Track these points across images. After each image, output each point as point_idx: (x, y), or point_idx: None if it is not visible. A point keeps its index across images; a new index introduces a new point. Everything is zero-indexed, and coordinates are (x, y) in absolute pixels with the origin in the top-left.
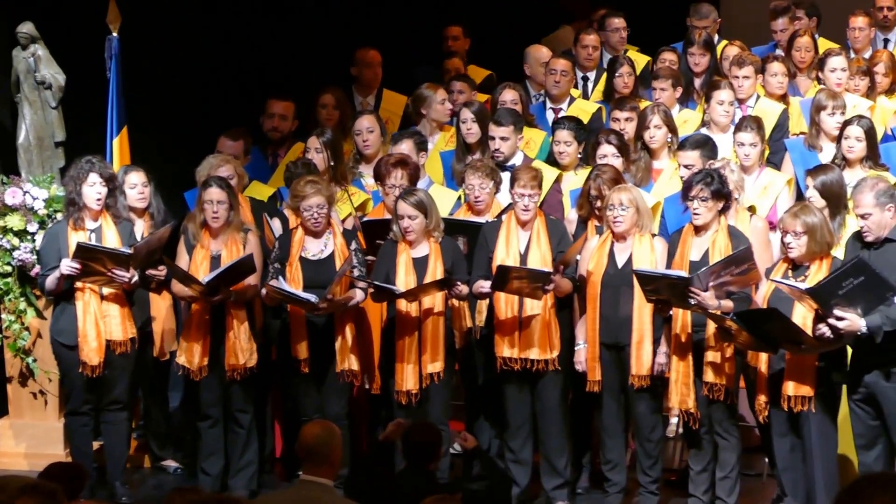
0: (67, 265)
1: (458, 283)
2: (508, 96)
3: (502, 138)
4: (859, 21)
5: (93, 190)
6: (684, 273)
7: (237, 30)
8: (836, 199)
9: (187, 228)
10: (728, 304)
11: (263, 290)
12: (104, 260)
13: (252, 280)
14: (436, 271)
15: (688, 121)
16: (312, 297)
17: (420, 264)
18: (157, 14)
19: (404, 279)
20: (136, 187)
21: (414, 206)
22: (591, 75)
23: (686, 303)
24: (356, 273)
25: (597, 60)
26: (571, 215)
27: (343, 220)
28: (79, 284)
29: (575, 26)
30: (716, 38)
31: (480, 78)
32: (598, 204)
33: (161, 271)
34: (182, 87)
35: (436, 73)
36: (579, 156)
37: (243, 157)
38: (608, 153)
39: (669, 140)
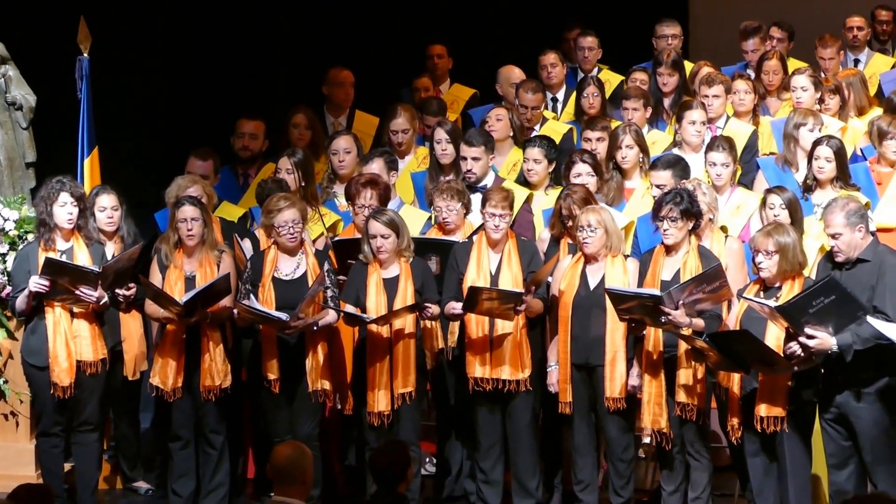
0: (35, 282)
1: (429, 305)
2: (497, 113)
3: (474, 158)
4: (829, 51)
5: (63, 210)
6: (656, 291)
7: (207, 49)
8: (799, 221)
9: (160, 249)
10: (699, 322)
11: (235, 310)
12: (72, 277)
13: (227, 301)
14: (406, 292)
15: (657, 141)
16: (283, 316)
17: (391, 285)
18: (128, 34)
19: (375, 300)
20: (106, 210)
21: (386, 225)
22: (560, 95)
23: (658, 321)
24: (329, 293)
25: (560, 78)
26: (543, 235)
27: (314, 241)
28: (50, 306)
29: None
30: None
31: (466, 96)
32: (570, 223)
33: (131, 291)
34: (152, 107)
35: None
36: (550, 175)
37: (213, 176)
38: (583, 172)
39: (641, 160)
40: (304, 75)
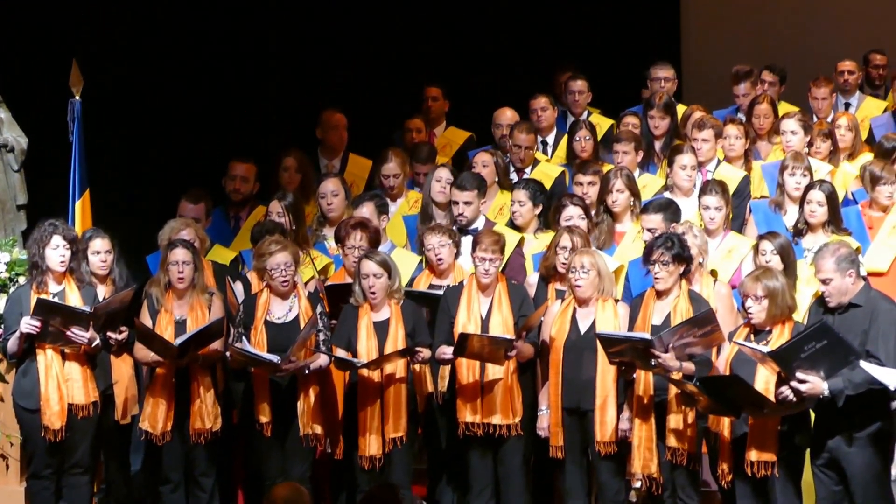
0: (27, 323)
1: (420, 350)
2: (482, 158)
3: (466, 203)
4: (822, 91)
5: (56, 253)
6: (647, 335)
7: (200, 91)
8: (791, 266)
9: (150, 293)
10: (689, 366)
11: (228, 353)
12: (64, 318)
13: (217, 344)
14: (397, 335)
15: (648, 184)
16: (275, 359)
17: (381, 328)
18: (119, 77)
19: (366, 343)
20: (99, 254)
21: (379, 265)
22: (550, 138)
23: (648, 364)
24: (321, 336)
25: (551, 121)
26: (531, 279)
27: (305, 284)
28: (41, 348)
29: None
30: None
31: (460, 139)
32: (563, 262)
33: (122, 334)
34: (144, 149)
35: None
36: (537, 218)
37: (205, 219)
38: (573, 215)
39: (632, 204)
40: (297, 118)
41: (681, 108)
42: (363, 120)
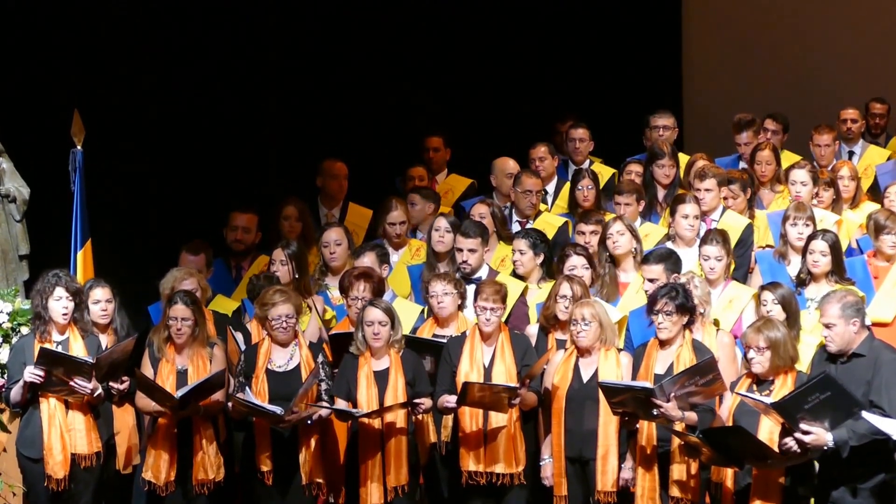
0: (30, 372)
1: (421, 402)
2: (479, 210)
3: (470, 250)
4: (824, 138)
5: (59, 304)
6: (648, 384)
7: (199, 141)
8: (793, 315)
9: (152, 342)
10: (692, 416)
11: (229, 403)
12: (67, 368)
13: (219, 395)
14: (397, 384)
15: (650, 234)
16: (278, 410)
17: (381, 377)
18: (121, 127)
19: (366, 393)
20: (100, 303)
21: (384, 312)
22: (550, 187)
23: (650, 414)
24: (323, 386)
25: (550, 171)
26: (532, 329)
27: (305, 331)
28: (45, 397)
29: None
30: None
31: (462, 186)
32: (563, 311)
33: (124, 384)
34: (145, 199)
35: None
36: (540, 267)
37: (206, 269)
38: (577, 265)
39: (634, 249)
40: (297, 167)
41: (682, 158)
42: (361, 169)
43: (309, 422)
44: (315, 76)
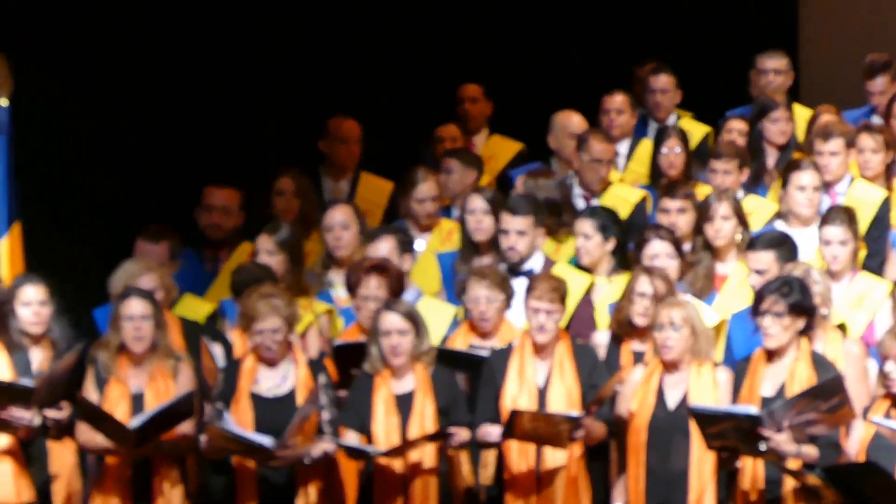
0: None
1: (457, 431)
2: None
3: (518, 232)
4: None
5: None
6: (755, 409)
7: (166, 95)
8: None
9: (97, 358)
10: (811, 451)
11: (203, 437)
12: (1, 397)
13: (187, 427)
14: (425, 412)
15: (756, 210)
16: (267, 442)
17: (404, 402)
18: (62, 76)
19: (385, 423)
20: (31, 305)
21: (404, 318)
22: (623, 147)
23: (756, 449)
24: (325, 416)
25: (626, 129)
26: (601, 337)
27: (302, 335)
28: None
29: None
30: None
31: (509, 153)
32: (642, 313)
33: (63, 413)
34: (92, 172)
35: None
36: (611, 255)
37: (170, 263)
38: (660, 252)
39: (740, 237)
40: (295, 129)
41: (800, 111)
42: (380, 130)
43: (307, 461)
44: (318, 10)
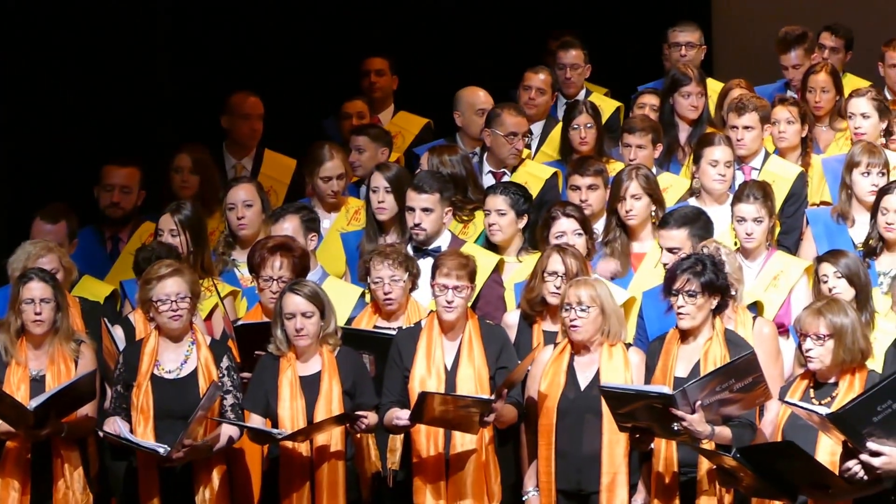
0: None
1: (364, 415)
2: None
3: (424, 210)
4: None
5: None
6: (667, 389)
7: (59, 69)
8: (864, 294)
9: None
10: (726, 432)
11: (101, 431)
12: None
13: (89, 410)
14: (332, 393)
15: (670, 187)
16: (160, 449)
17: (310, 384)
18: None
19: (290, 406)
20: None
21: (308, 299)
22: (537, 127)
23: (670, 430)
24: (229, 400)
25: (542, 110)
26: (511, 317)
27: (207, 318)
28: None
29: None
30: None
31: (415, 128)
32: (553, 292)
33: None
34: None
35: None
36: (521, 233)
37: (68, 243)
38: (567, 230)
39: (653, 214)
40: (195, 104)
41: (712, 85)
42: (283, 106)
43: (210, 452)
44: None
